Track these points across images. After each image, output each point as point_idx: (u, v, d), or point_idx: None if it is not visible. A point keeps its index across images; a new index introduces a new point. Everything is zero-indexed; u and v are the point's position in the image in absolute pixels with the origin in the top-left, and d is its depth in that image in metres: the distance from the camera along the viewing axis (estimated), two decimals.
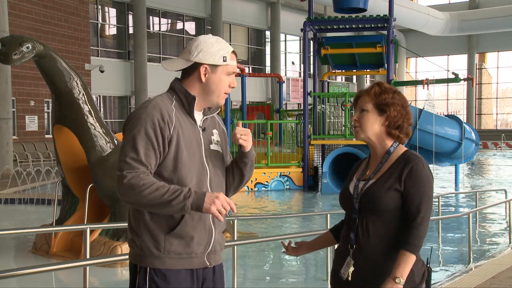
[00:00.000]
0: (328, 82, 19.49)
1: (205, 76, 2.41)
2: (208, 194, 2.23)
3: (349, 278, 2.47)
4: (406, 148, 2.57)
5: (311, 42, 16.63)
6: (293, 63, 36.28)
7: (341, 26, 16.37)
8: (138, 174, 2.24)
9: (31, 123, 22.25)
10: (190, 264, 2.38)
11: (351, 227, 2.51)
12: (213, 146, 2.49)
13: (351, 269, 2.47)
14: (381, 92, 2.52)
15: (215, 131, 2.53)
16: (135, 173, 2.24)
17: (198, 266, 2.40)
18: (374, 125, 2.53)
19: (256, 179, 14.99)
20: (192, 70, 2.42)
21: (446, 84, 37.17)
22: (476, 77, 39.67)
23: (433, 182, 2.50)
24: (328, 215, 7.19)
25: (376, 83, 2.57)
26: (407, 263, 2.36)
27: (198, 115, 2.46)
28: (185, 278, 2.37)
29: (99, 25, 27.33)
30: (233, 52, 2.47)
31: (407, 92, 43.98)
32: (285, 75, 36.46)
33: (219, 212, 2.22)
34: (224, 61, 2.42)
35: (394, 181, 2.44)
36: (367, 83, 38.36)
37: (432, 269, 2.58)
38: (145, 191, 2.21)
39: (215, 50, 2.40)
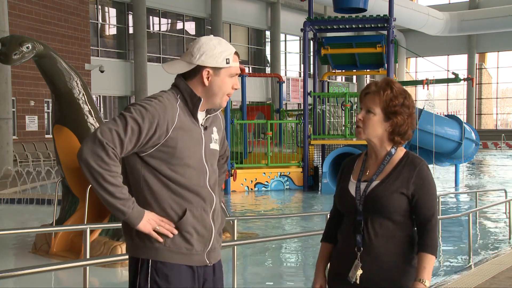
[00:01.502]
0: (328, 82, 19.49)
1: (208, 80, 2.39)
2: (145, 216, 2.30)
3: (358, 282, 2.46)
4: (405, 149, 2.57)
5: (311, 42, 16.62)
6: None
7: (341, 26, 16.36)
8: (115, 156, 2.25)
9: (31, 123, 22.25)
10: (190, 260, 2.38)
11: (355, 229, 2.48)
12: (212, 145, 2.48)
13: (359, 271, 2.45)
14: (392, 98, 2.45)
15: (214, 128, 2.52)
16: (112, 151, 2.24)
17: (198, 264, 2.41)
18: (377, 129, 2.49)
19: (256, 179, 14.99)
20: (194, 72, 2.40)
21: (446, 84, 37.18)
22: (476, 77, 39.65)
23: None
24: (328, 215, 7.16)
25: (386, 83, 2.49)
26: (431, 265, 2.43)
27: (201, 114, 2.45)
28: (186, 278, 2.37)
29: (99, 25, 27.33)
30: (236, 53, 2.44)
31: None
32: (285, 75, 36.47)
33: (157, 231, 2.32)
34: (227, 63, 2.39)
35: (401, 184, 2.45)
36: (367, 83, 38.33)
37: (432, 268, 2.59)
38: (109, 174, 2.23)
39: (218, 53, 2.37)
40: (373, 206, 2.45)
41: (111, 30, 28.50)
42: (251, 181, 14.93)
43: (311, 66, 18.58)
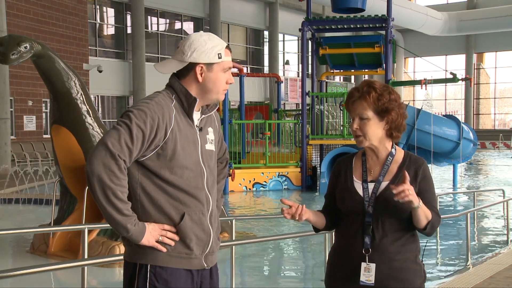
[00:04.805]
0: (326, 82, 19.48)
1: (201, 76, 2.37)
2: (147, 229, 2.29)
3: (373, 283, 2.43)
4: (403, 150, 2.59)
5: (309, 42, 16.63)
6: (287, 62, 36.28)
7: (339, 26, 16.38)
8: (125, 169, 2.24)
9: (29, 123, 22.23)
10: (189, 264, 2.37)
11: (364, 230, 2.46)
12: (208, 146, 2.46)
13: (373, 273, 2.43)
14: (379, 97, 2.45)
15: (210, 129, 2.50)
16: (123, 164, 2.22)
17: (196, 267, 2.39)
18: (377, 132, 2.49)
19: (254, 179, 14.99)
20: (187, 70, 2.38)
21: (444, 84, 37.19)
22: (474, 77, 39.70)
23: None
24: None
25: (368, 85, 2.48)
26: (427, 212, 2.39)
27: (196, 115, 2.43)
28: (185, 282, 2.36)
29: (97, 25, 27.32)
30: (227, 47, 2.41)
31: (405, 92, 44.01)
32: (283, 75, 36.47)
33: (160, 241, 2.32)
34: (219, 58, 2.36)
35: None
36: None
37: (430, 269, 2.60)
38: (120, 190, 2.21)
39: (209, 48, 2.35)
40: (385, 207, 2.44)
41: (109, 30, 28.49)
42: (249, 181, 14.93)
43: (309, 66, 18.59)
